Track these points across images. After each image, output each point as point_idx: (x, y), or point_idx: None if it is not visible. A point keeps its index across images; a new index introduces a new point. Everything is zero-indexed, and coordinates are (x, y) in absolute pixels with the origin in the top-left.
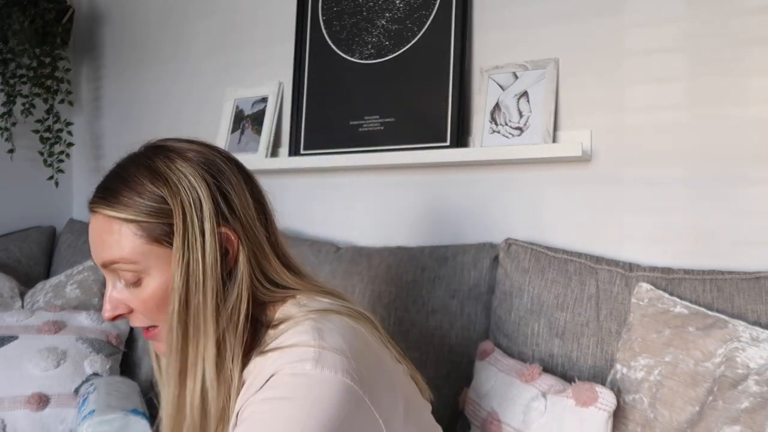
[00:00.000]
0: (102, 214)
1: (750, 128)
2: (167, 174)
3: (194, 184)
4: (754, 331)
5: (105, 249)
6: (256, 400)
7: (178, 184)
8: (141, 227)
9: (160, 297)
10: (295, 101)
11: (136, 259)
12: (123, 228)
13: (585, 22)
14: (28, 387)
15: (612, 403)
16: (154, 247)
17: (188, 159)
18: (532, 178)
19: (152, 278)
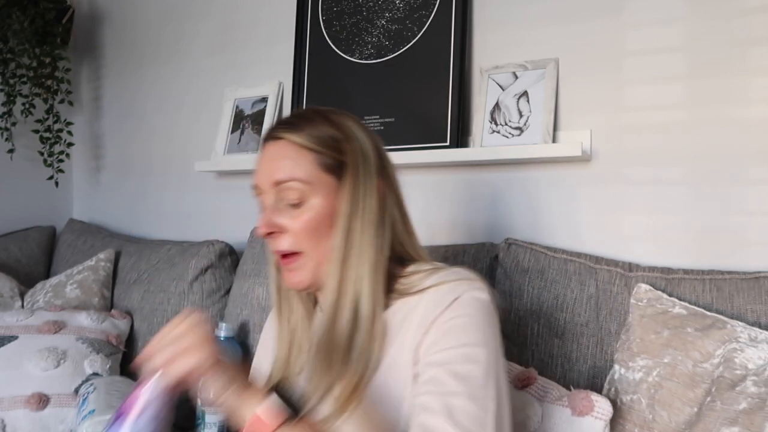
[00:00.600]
0: (287, 139)
1: (750, 128)
2: (341, 124)
3: (361, 137)
4: (752, 331)
5: (283, 168)
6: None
7: (350, 133)
8: (319, 156)
9: (318, 221)
10: (295, 101)
11: (308, 180)
12: (303, 153)
13: (585, 22)
14: (28, 387)
15: (609, 412)
16: (325, 176)
17: (353, 119)
18: (532, 178)
19: (315, 201)
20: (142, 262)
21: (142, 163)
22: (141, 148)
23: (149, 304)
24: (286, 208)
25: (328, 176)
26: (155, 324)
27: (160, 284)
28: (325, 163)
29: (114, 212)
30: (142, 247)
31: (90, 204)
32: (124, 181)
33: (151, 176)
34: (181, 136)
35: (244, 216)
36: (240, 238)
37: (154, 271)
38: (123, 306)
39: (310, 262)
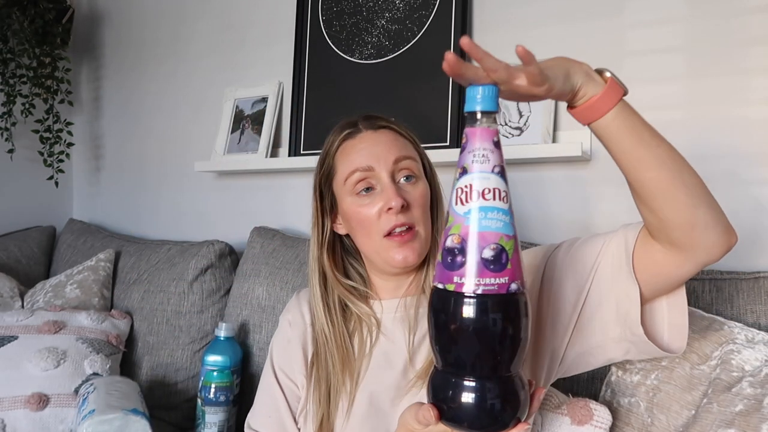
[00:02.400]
0: (395, 130)
1: (750, 128)
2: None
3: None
4: (749, 332)
5: (402, 148)
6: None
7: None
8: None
9: (427, 196)
10: (295, 101)
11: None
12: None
13: (585, 22)
14: (28, 387)
15: (608, 420)
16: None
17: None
18: (531, 177)
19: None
20: (142, 262)
21: (142, 163)
22: (141, 148)
23: (149, 304)
24: (403, 184)
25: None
26: (155, 324)
27: (160, 284)
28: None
29: (114, 212)
30: (141, 247)
31: (90, 204)
32: (124, 181)
33: (151, 176)
34: (181, 136)
35: (244, 216)
36: (240, 238)
37: (154, 271)
38: (123, 306)
39: (422, 237)
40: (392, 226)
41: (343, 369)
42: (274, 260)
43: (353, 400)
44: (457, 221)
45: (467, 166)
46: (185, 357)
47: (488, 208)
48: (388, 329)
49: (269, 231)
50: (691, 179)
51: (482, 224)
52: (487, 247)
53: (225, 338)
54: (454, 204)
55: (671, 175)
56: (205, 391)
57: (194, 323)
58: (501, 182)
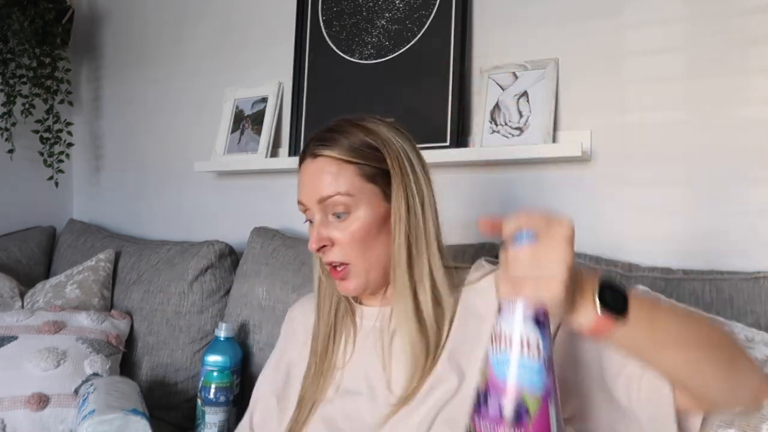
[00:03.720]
0: (325, 155)
1: (750, 128)
2: (376, 131)
3: (397, 139)
4: (749, 332)
5: (326, 185)
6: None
7: (386, 138)
8: (359, 167)
9: (365, 230)
10: (295, 101)
11: (352, 193)
12: (344, 166)
13: (585, 22)
14: (28, 387)
15: None
16: (368, 186)
17: (385, 124)
18: (532, 178)
19: (360, 212)
20: (142, 263)
21: (142, 164)
22: (141, 148)
23: (149, 304)
24: (334, 220)
25: (370, 185)
26: (155, 324)
27: (160, 284)
28: (366, 173)
29: (114, 212)
30: (141, 247)
31: (90, 204)
32: (123, 181)
33: (151, 176)
34: (181, 136)
35: (244, 216)
36: (240, 238)
37: (154, 271)
38: (123, 306)
39: (359, 270)
40: (325, 261)
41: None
42: (274, 260)
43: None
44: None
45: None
46: (185, 357)
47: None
48: (364, 343)
49: (269, 231)
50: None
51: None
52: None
53: (225, 338)
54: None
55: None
56: (205, 391)
57: (194, 323)
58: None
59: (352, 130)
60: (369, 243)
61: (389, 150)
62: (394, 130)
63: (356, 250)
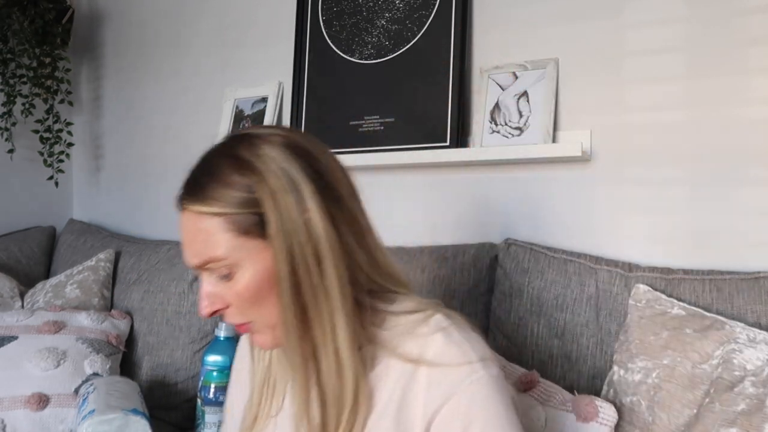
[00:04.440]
0: (190, 210)
1: (750, 128)
2: (252, 161)
3: (284, 165)
4: (751, 332)
5: (196, 250)
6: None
7: (265, 170)
8: (230, 220)
9: (254, 289)
10: (295, 101)
11: (227, 255)
12: (213, 223)
13: (585, 22)
14: (28, 387)
15: (613, 417)
16: (245, 240)
17: (273, 142)
18: (532, 178)
19: (245, 270)
20: (142, 263)
21: (142, 163)
22: (141, 148)
23: (149, 304)
24: (219, 280)
25: (248, 239)
26: (155, 324)
27: (160, 284)
28: (241, 225)
29: (114, 212)
30: (142, 247)
31: (90, 204)
32: (124, 181)
33: (152, 176)
34: (181, 136)
35: None
36: None
37: (154, 271)
38: (123, 306)
39: (262, 327)
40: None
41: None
42: None
43: None
44: None
45: None
46: (185, 357)
47: None
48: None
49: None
50: None
51: None
52: None
53: (225, 338)
54: None
55: None
56: (205, 391)
57: (194, 323)
58: None
59: (220, 166)
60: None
61: (268, 184)
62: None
63: (250, 309)
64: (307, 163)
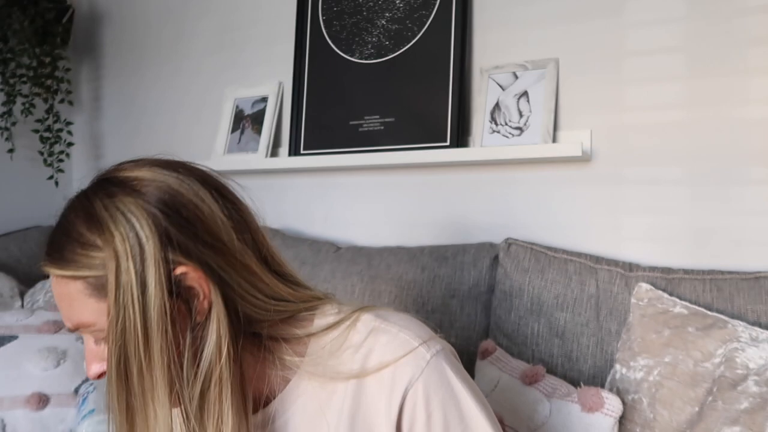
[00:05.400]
0: (53, 274)
1: (750, 128)
2: (103, 217)
3: (135, 224)
4: (753, 331)
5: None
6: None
7: (114, 230)
8: (88, 283)
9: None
10: (295, 101)
11: (94, 321)
12: (75, 287)
13: (585, 22)
14: (27, 387)
15: (618, 409)
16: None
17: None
18: (532, 178)
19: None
20: None
21: None
22: (141, 147)
23: None
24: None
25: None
26: None
27: None
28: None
29: None
30: None
31: None
32: None
33: None
34: (181, 136)
35: None
36: None
37: None
38: None
39: None
40: None
41: None
42: None
43: None
44: None
45: None
46: None
47: None
48: None
49: (269, 231)
50: None
51: None
52: None
53: None
54: None
55: None
56: None
57: None
58: None
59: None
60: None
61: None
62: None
63: None
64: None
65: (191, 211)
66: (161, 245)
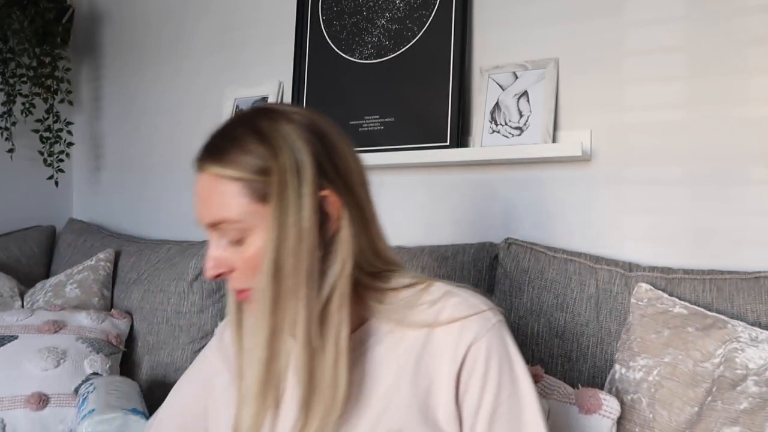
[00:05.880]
0: (209, 172)
1: (750, 128)
2: (271, 135)
3: (296, 145)
4: (753, 331)
5: (212, 209)
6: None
7: (280, 146)
8: (247, 185)
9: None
10: (295, 101)
11: (241, 218)
12: (229, 186)
13: (585, 22)
14: (27, 386)
15: (616, 410)
16: (259, 207)
17: (293, 120)
18: (531, 177)
19: (256, 237)
20: (142, 262)
21: (142, 163)
22: (141, 147)
23: (149, 304)
24: (229, 245)
25: (262, 207)
26: (155, 324)
27: (160, 284)
28: (257, 191)
29: (114, 212)
30: (142, 247)
31: (90, 204)
32: (124, 181)
33: (152, 176)
34: (181, 136)
35: None
36: None
37: (154, 271)
38: (123, 306)
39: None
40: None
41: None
42: None
43: None
44: None
45: None
46: (185, 357)
47: None
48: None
49: None
50: None
51: None
52: None
53: None
54: None
55: None
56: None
57: (194, 323)
58: None
59: (244, 136)
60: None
61: (277, 161)
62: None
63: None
64: (321, 148)
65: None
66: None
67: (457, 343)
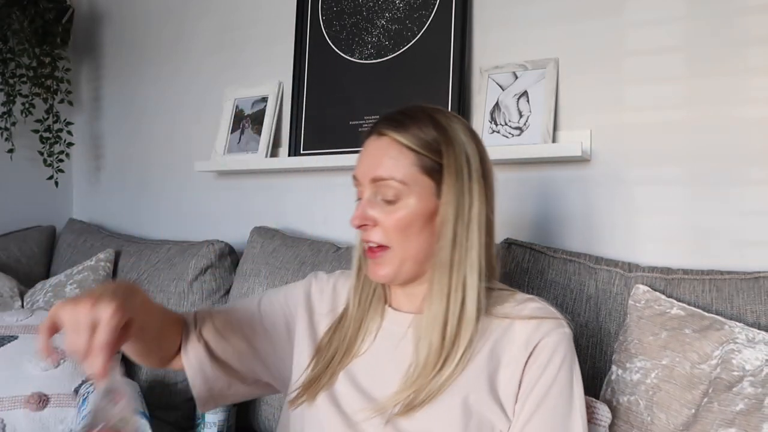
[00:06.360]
0: (390, 137)
1: (750, 128)
2: (446, 127)
3: (464, 140)
4: (750, 332)
5: (382, 166)
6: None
7: (453, 136)
8: (419, 158)
9: (410, 220)
10: (295, 101)
11: (407, 181)
12: (405, 153)
13: (585, 22)
14: (27, 387)
15: (607, 418)
16: (423, 178)
17: (460, 122)
18: (531, 178)
19: (410, 201)
20: (142, 262)
21: (142, 163)
22: (141, 148)
23: None
24: (382, 203)
25: (425, 178)
26: None
27: (160, 284)
28: (425, 165)
29: (114, 212)
30: (142, 247)
31: (90, 204)
32: (124, 181)
33: (151, 176)
34: (181, 136)
35: (244, 216)
36: (240, 238)
37: (154, 271)
38: None
39: (395, 258)
40: (365, 239)
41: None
42: (274, 260)
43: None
44: None
45: None
46: None
47: None
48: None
49: (269, 231)
50: None
51: None
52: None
53: None
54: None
55: None
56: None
57: None
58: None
59: (423, 119)
60: (411, 234)
61: (452, 148)
62: (466, 131)
63: (397, 237)
64: (478, 147)
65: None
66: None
67: (531, 335)
